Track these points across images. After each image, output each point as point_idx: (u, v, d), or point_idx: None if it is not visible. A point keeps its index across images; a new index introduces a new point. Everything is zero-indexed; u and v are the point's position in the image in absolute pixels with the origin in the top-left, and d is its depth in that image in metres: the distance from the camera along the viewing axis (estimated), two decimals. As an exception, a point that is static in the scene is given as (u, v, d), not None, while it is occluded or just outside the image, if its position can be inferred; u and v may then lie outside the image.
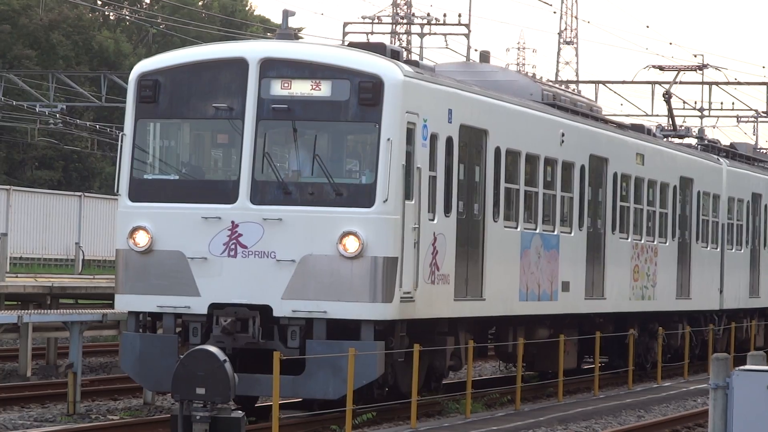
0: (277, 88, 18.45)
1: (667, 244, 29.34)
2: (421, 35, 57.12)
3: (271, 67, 18.50)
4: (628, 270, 27.15)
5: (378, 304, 18.02)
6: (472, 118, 20.97)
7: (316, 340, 18.03)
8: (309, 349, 17.98)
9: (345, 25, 53.97)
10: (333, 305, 17.99)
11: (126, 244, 18.53)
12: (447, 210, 20.04)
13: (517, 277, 22.37)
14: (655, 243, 28.65)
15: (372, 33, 54.77)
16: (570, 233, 24.56)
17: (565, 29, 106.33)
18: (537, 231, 23.19)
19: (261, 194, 18.27)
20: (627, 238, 27.18)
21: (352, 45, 20.91)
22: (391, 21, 65.22)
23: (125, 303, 18.79)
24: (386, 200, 18.04)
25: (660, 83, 47.05)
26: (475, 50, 46.81)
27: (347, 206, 18.16)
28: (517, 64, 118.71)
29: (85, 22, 76.71)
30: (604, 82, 52.48)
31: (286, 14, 19.79)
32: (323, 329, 18.06)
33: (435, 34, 56.29)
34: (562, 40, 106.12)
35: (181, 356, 15.65)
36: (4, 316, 21.25)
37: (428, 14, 58.44)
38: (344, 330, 18.24)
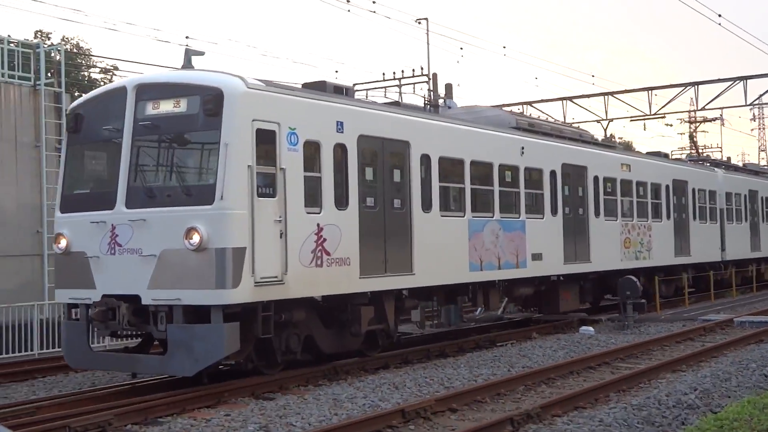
0: (149, 109, 20.66)
1: (662, 222, 37.25)
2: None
3: (144, 92, 20.80)
4: (618, 241, 33.83)
5: (224, 290, 19.33)
6: (388, 130, 23.55)
7: (175, 324, 19.70)
8: (169, 332, 19.72)
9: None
10: (186, 293, 19.62)
11: (54, 248, 21.79)
12: (340, 204, 21.82)
13: (466, 253, 25.38)
14: (649, 222, 36.10)
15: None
16: (542, 218, 28.89)
17: None
18: (494, 218, 26.12)
19: (133, 200, 20.46)
20: (616, 220, 33.86)
21: (305, 86, 23.02)
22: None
23: (58, 296, 21.79)
24: (223, 197, 19.43)
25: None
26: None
27: (193, 205, 19.74)
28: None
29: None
30: None
31: (188, 53, 22.10)
32: (180, 314, 19.69)
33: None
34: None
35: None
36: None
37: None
38: (202, 314, 19.61)
